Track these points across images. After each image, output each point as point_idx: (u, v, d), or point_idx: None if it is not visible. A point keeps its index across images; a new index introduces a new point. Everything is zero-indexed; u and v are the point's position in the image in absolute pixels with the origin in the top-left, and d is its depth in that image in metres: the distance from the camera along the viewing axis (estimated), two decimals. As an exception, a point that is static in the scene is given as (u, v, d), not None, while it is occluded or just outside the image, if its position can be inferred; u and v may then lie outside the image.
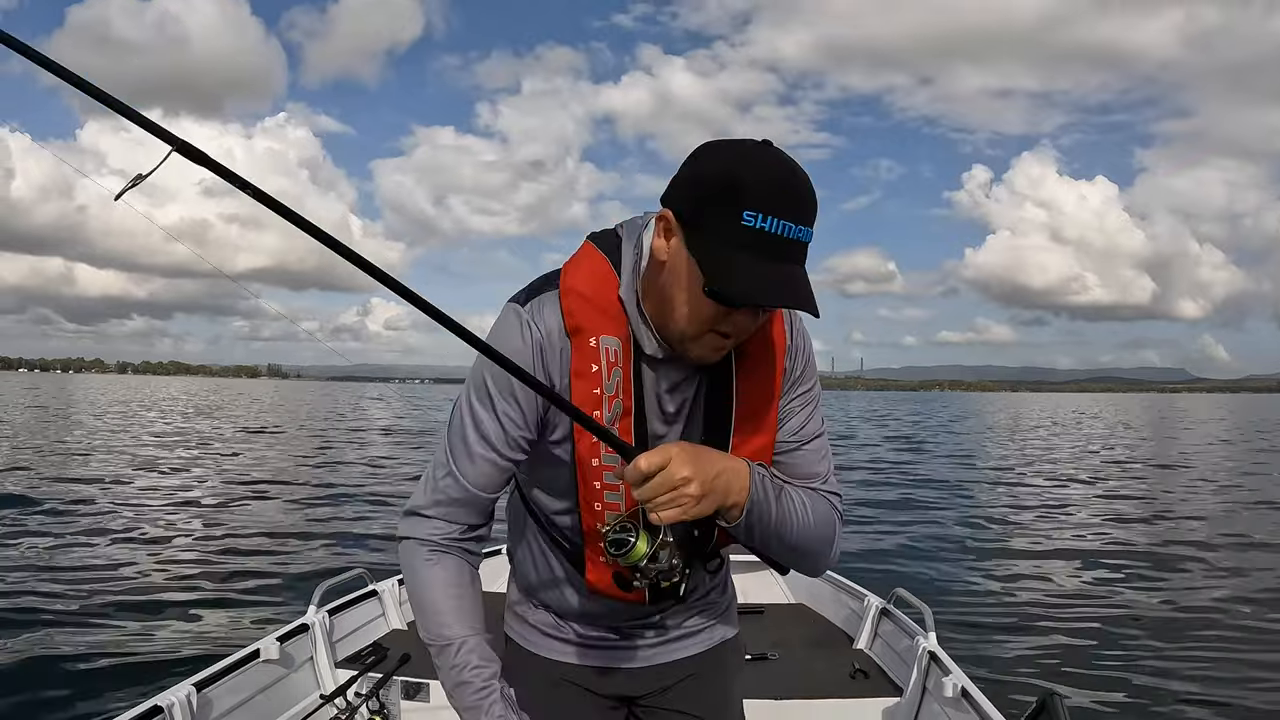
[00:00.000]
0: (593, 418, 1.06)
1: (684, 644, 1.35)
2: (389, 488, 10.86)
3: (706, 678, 1.36)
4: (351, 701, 2.52)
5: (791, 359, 1.17)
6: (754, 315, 1.02)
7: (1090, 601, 6.29)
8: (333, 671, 2.74)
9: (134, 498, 9.94)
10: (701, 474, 0.98)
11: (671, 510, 0.98)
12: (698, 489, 0.98)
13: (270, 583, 6.15)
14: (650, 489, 0.97)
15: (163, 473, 12.56)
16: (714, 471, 1.01)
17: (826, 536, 1.17)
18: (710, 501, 1.01)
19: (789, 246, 0.96)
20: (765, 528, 1.10)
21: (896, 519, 10.06)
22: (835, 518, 1.19)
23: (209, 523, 8.53)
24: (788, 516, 1.11)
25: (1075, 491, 13.41)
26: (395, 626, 3.16)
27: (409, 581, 1.20)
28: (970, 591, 6.58)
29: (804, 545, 1.15)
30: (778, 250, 0.95)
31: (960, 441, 25.95)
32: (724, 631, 1.40)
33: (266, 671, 2.50)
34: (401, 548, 1.19)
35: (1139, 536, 9.16)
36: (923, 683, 2.54)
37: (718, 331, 1.03)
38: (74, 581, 5.91)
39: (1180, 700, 4.28)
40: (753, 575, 4.13)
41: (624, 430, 1.11)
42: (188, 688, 2.14)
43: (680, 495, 0.97)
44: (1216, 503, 12.09)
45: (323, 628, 2.79)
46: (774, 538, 1.12)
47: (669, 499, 0.97)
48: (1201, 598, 6.44)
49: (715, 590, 1.37)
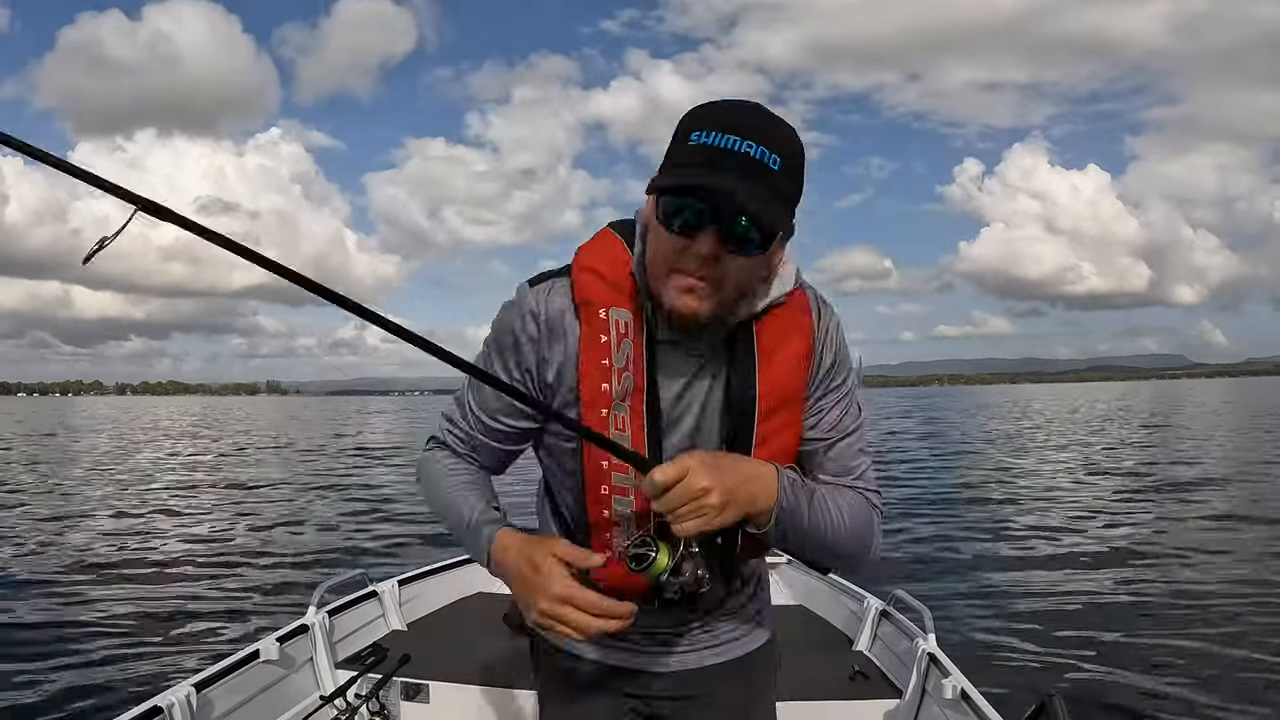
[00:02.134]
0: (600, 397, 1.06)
1: (713, 651, 1.29)
2: (390, 489, 10.86)
3: (734, 688, 1.30)
4: (351, 702, 2.53)
5: (820, 347, 1.12)
6: (715, 245, 0.94)
7: (1091, 603, 6.28)
8: (333, 672, 2.75)
9: (135, 501, 9.94)
10: (722, 483, 0.95)
11: (693, 521, 0.94)
12: (719, 499, 0.94)
13: (270, 583, 6.16)
14: (669, 501, 0.94)
15: (163, 476, 12.56)
16: (737, 480, 0.97)
17: (864, 534, 1.12)
18: (734, 511, 0.97)
19: (730, 156, 0.91)
20: (798, 533, 1.06)
21: (896, 519, 10.06)
22: (873, 514, 1.14)
23: (210, 524, 8.53)
24: (821, 519, 1.06)
25: (1075, 492, 13.41)
26: (395, 627, 3.17)
27: (424, 483, 1.20)
28: (970, 593, 6.58)
29: (841, 546, 1.11)
30: (717, 158, 0.91)
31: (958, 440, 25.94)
32: (758, 638, 1.32)
33: (266, 672, 2.50)
34: (418, 464, 1.23)
35: (1140, 537, 9.15)
36: (922, 685, 2.54)
37: (681, 270, 0.96)
38: (74, 583, 5.92)
39: (1181, 701, 4.28)
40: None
41: (635, 409, 1.07)
42: (188, 688, 2.14)
43: (701, 506, 0.94)
44: (1217, 503, 12.08)
45: (323, 628, 2.79)
46: (809, 542, 1.08)
47: (689, 510, 0.94)
48: (1204, 598, 6.43)
49: (747, 595, 1.31)
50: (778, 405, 1.09)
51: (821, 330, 1.12)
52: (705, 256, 0.94)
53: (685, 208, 0.94)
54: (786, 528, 1.04)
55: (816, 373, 1.12)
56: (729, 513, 0.96)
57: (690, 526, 0.95)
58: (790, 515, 1.03)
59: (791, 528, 1.05)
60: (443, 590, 3.41)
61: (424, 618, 3.28)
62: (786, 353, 1.09)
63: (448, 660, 2.75)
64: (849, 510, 1.10)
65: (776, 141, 0.93)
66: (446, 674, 2.66)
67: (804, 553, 1.12)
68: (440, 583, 3.44)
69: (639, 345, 1.06)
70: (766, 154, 0.92)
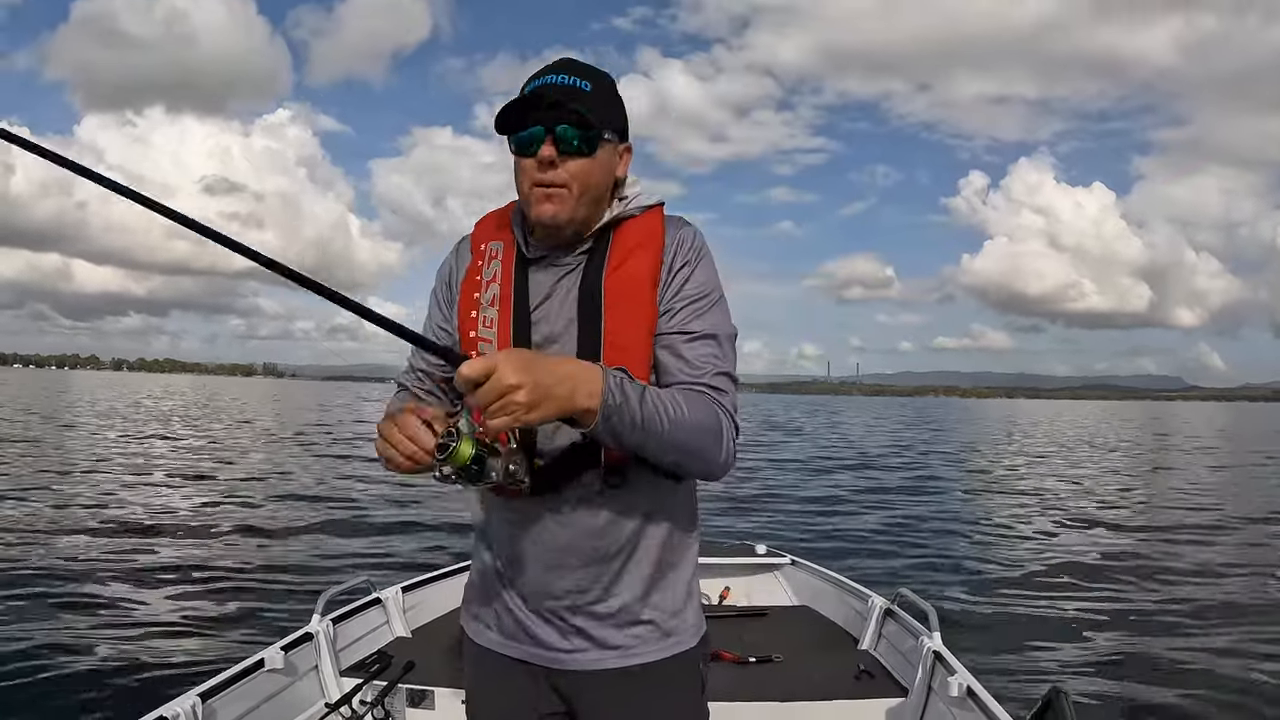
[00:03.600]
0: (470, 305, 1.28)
1: (613, 654, 1.26)
2: (392, 493, 10.86)
3: (645, 697, 1.27)
4: (356, 710, 2.52)
5: (670, 255, 1.24)
6: (550, 149, 1.16)
7: (1096, 599, 6.28)
8: (337, 680, 2.74)
9: (135, 505, 9.94)
10: (532, 380, 0.96)
11: (501, 419, 0.96)
12: (526, 396, 0.96)
13: (274, 591, 6.15)
14: (479, 398, 0.96)
15: (164, 480, 12.56)
16: (551, 378, 0.99)
17: (708, 431, 1.15)
18: (547, 408, 0.99)
19: (548, 87, 1.18)
20: (630, 431, 1.07)
21: (899, 520, 10.06)
22: (719, 413, 1.17)
23: (212, 531, 8.53)
24: (656, 415, 1.08)
25: (1078, 493, 13.41)
26: (400, 634, 3.16)
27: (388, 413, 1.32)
28: (975, 591, 6.58)
29: (683, 444, 1.12)
30: (539, 91, 1.18)
31: (962, 444, 25.94)
32: (670, 644, 1.28)
33: (271, 681, 2.50)
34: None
35: (1143, 537, 9.15)
36: (928, 683, 2.54)
37: (535, 183, 1.18)
38: (76, 592, 5.91)
39: (1185, 697, 4.28)
40: (757, 578, 4.12)
41: (503, 319, 1.25)
42: (193, 698, 2.14)
43: (509, 403, 0.96)
44: (1218, 503, 12.08)
45: (327, 636, 2.79)
46: (646, 440, 1.09)
47: (498, 406, 0.96)
48: (1206, 596, 6.43)
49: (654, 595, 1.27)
50: (622, 300, 1.21)
51: (672, 240, 1.25)
52: (544, 160, 1.17)
53: (524, 133, 1.18)
54: (618, 426, 1.05)
55: (667, 277, 1.23)
56: (541, 410, 0.98)
57: (499, 424, 0.97)
58: (619, 413, 1.04)
59: (624, 425, 1.06)
60: (447, 597, 3.40)
61: (428, 624, 3.27)
62: (636, 256, 1.23)
63: (452, 667, 2.75)
64: (689, 405, 1.13)
65: (583, 72, 1.20)
66: (451, 680, 2.66)
67: (646, 452, 1.12)
68: (444, 589, 3.44)
69: (507, 262, 1.29)
70: (577, 80, 1.18)
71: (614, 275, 1.22)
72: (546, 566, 1.25)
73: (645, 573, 1.27)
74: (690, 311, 1.22)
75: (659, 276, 1.23)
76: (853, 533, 9.25)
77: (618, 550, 1.25)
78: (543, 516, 1.24)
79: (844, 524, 9.85)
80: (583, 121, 1.16)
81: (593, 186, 1.20)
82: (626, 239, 1.25)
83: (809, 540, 8.33)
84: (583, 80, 1.18)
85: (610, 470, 1.21)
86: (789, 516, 10.39)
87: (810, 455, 20.56)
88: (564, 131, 1.16)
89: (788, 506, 11.32)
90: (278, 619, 5.32)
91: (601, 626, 1.26)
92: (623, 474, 1.22)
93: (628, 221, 1.26)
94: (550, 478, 1.21)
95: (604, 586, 1.25)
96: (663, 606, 1.28)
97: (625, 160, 1.26)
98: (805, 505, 11.46)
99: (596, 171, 1.20)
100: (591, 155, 1.18)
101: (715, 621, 3.48)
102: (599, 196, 1.23)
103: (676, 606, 1.29)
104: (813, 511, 10.87)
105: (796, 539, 8.13)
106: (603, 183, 1.22)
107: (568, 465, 1.21)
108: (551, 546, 1.24)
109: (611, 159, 1.23)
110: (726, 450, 1.18)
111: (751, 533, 8.17)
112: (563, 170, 1.17)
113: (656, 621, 1.27)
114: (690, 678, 1.32)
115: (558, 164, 1.17)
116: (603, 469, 1.22)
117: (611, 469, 1.21)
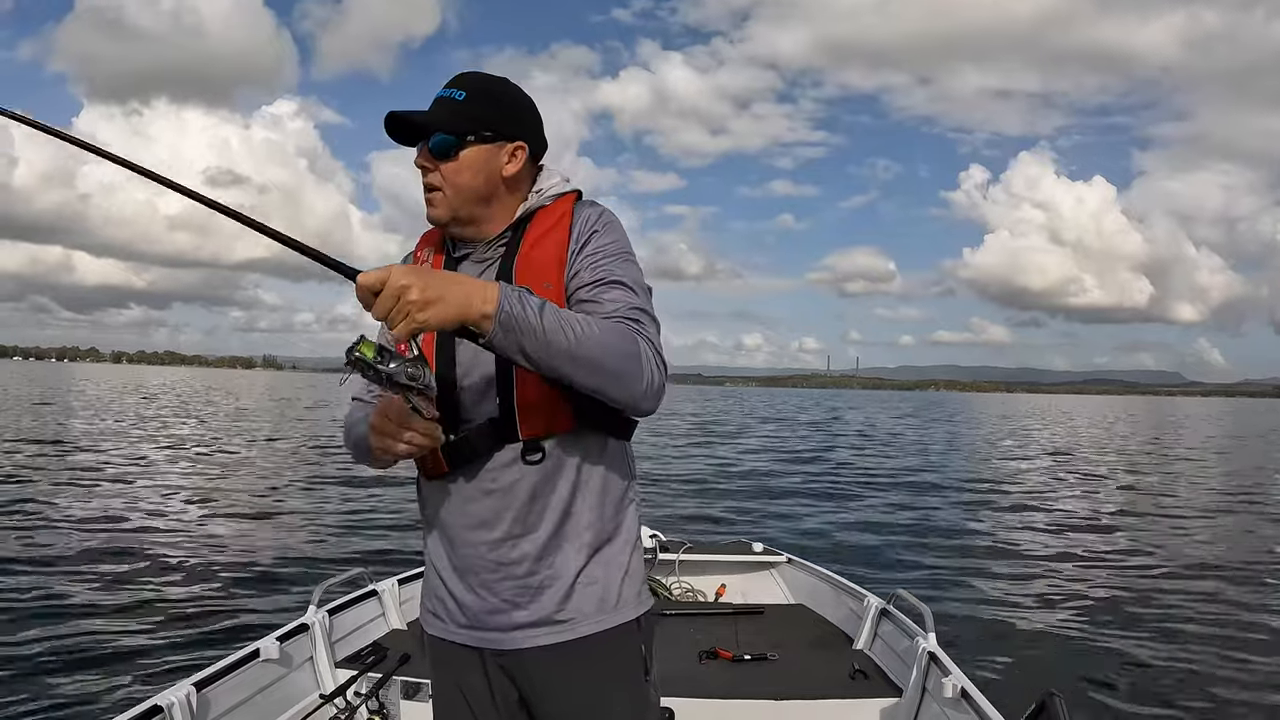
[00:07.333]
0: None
1: (550, 630, 1.27)
2: (389, 488, 10.86)
3: (585, 675, 1.28)
4: (351, 701, 2.53)
5: (575, 232, 1.30)
6: (423, 156, 1.29)
7: (1091, 603, 6.29)
8: (332, 671, 2.75)
9: (131, 494, 9.94)
10: (423, 281, 1.02)
11: (401, 324, 1.02)
12: (418, 295, 1.01)
13: (270, 582, 6.16)
14: (378, 306, 1.02)
15: (160, 470, 12.56)
16: (444, 281, 1.05)
17: (625, 355, 1.14)
18: (442, 309, 1.03)
19: (435, 101, 1.30)
20: (534, 342, 1.07)
21: (896, 519, 10.07)
22: (636, 338, 1.17)
23: (208, 522, 8.53)
24: (560, 328, 1.08)
25: (1075, 492, 13.42)
26: (395, 626, 3.17)
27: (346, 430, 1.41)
28: (970, 592, 6.58)
29: (597, 362, 1.11)
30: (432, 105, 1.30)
31: (959, 442, 25.95)
32: (608, 617, 1.29)
33: (266, 671, 2.50)
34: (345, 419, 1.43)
35: (1140, 538, 9.16)
36: (922, 683, 2.54)
37: (425, 188, 1.30)
38: (71, 580, 5.91)
39: (1180, 700, 4.29)
40: (753, 576, 4.13)
41: None
42: (187, 687, 2.14)
43: (404, 305, 1.01)
44: (1219, 503, 12.09)
45: (322, 627, 2.79)
46: (552, 355, 1.08)
47: (396, 311, 1.02)
48: (1203, 597, 6.44)
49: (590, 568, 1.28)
50: (530, 281, 1.24)
51: (579, 218, 1.32)
52: (420, 165, 1.30)
53: (411, 144, 1.31)
54: (519, 336, 1.07)
55: (574, 252, 1.29)
56: (436, 310, 1.03)
57: (400, 330, 1.02)
58: (516, 321, 1.06)
59: (525, 335, 1.07)
60: None
61: None
62: (545, 239, 1.30)
63: None
64: (600, 327, 1.14)
65: (464, 83, 1.30)
66: None
67: (560, 369, 1.11)
68: None
69: (437, 264, 1.37)
70: (455, 92, 1.29)
71: (524, 259, 1.29)
72: (474, 542, 1.28)
73: (577, 545, 1.28)
74: (598, 266, 1.26)
75: (566, 254, 1.28)
76: (851, 531, 9.26)
77: (545, 522, 1.26)
78: (465, 491, 1.28)
79: (843, 523, 9.85)
80: (451, 128, 1.27)
81: (464, 187, 1.29)
82: (537, 226, 1.32)
83: (807, 539, 8.34)
84: (459, 90, 1.29)
85: (529, 446, 1.25)
86: (788, 516, 10.39)
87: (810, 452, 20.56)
88: (434, 139, 1.28)
89: (783, 503, 11.33)
90: (274, 610, 5.32)
91: (535, 599, 1.27)
92: (540, 448, 1.25)
93: (539, 211, 1.34)
94: (466, 451, 1.26)
95: (534, 559, 1.27)
96: (598, 579, 1.29)
97: (518, 158, 1.32)
98: (806, 504, 11.46)
99: (465, 173, 1.28)
100: (455, 159, 1.28)
101: (711, 619, 3.50)
102: (482, 195, 1.30)
103: (612, 579, 1.30)
104: (812, 510, 10.88)
105: (795, 538, 8.14)
106: (475, 183, 1.29)
107: (485, 438, 1.25)
108: (475, 521, 1.28)
109: (490, 159, 1.30)
110: (649, 378, 1.16)
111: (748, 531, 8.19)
112: (436, 175, 1.29)
113: (592, 594, 1.28)
114: (631, 654, 1.32)
115: (430, 170, 1.29)
116: (521, 442, 1.24)
117: (530, 444, 1.24)
